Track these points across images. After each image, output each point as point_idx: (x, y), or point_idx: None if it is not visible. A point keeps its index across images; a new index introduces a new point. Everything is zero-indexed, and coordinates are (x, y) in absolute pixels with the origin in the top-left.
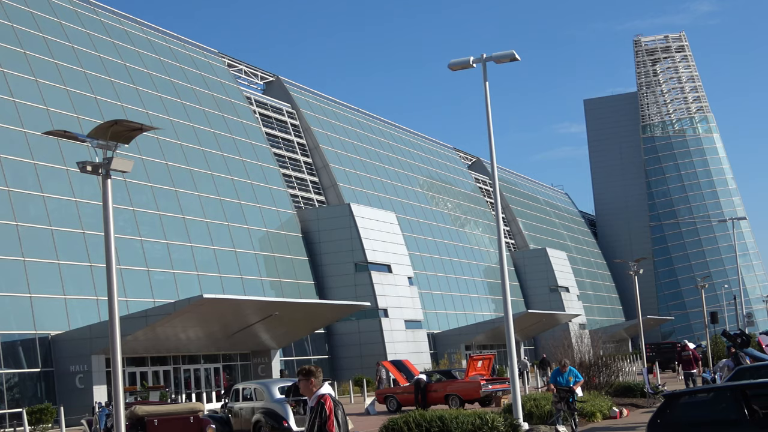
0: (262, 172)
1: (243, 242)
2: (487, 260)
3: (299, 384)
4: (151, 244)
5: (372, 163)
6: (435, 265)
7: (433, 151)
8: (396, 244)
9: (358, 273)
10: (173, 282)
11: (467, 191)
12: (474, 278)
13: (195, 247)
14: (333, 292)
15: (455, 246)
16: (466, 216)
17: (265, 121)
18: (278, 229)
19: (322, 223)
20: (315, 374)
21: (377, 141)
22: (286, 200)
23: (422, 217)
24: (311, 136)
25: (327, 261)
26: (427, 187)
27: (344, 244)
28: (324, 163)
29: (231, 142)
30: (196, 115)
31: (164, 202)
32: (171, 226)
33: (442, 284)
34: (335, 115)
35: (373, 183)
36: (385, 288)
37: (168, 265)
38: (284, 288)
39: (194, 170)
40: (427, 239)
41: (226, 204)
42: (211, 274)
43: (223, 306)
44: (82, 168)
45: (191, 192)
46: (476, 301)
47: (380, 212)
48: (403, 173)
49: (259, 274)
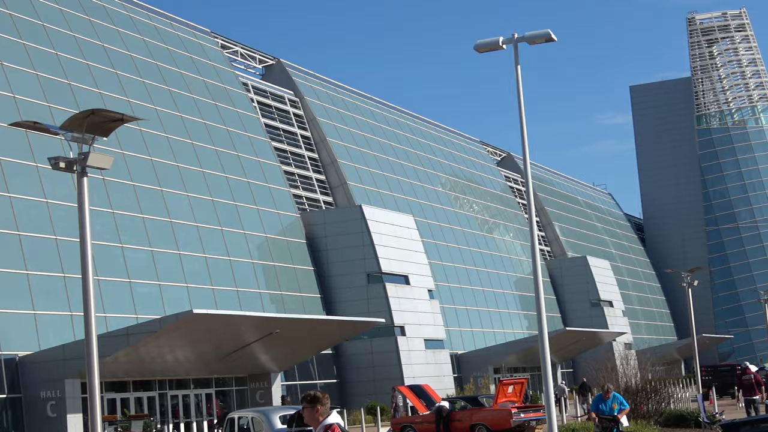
0: (260, 170)
1: (239, 250)
2: (519, 270)
3: (303, 412)
4: (133, 251)
5: (387, 158)
6: (459, 276)
7: (457, 146)
8: (414, 252)
9: (371, 285)
10: (159, 295)
11: (496, 191)
12: (504, 291)
13: (184, 256)
14: (342, 307)
15: (482, 254)
16: (494, 220)
17: (264, 111)
18: (279, 234)
19: (329, 228)
20: (321, 401)
21: (393, 134)
22: (289, 201)
23: (444, 221)
24: (317, 128)
25: (335, 271)
26: (450, 186)
27: (355, 251)
28: (332, 158)
29: (225, 134)
30: (186, 104)
31: (149, 203)
32: (156, 231)
33: (468, 298)
34: (345, 103)
35: (388, 182)
36: (402, 302)
37: (153, 276)
38: (286, 302)
39: (183, 167)
40: (450, 246)
41: (220, 206)
42: (202, 287)
43: (216, 323)
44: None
45: (180, 192)
46: (506, 317)
47: (396, 215)
48: (422, 171)
49: (258, 287)
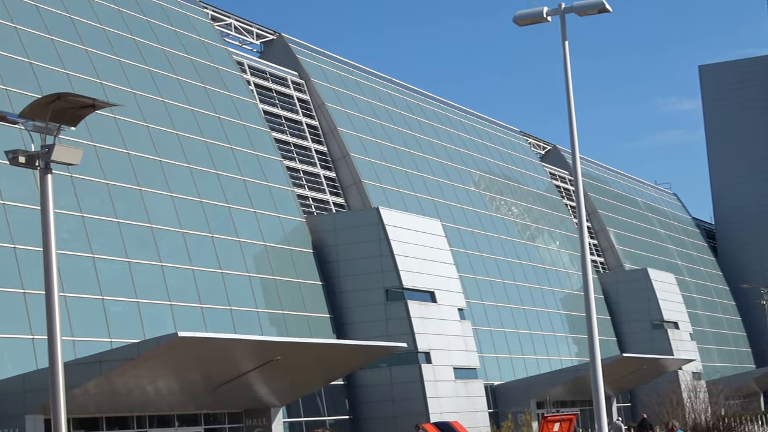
0: (258, 165)
1: (233, 261)
2: (567, 285)
3: None
4: (107, 263)
5: (409, 152)
6: (495, 292)
7: (493, 137)
8: (442, 263)
9: (390, 303)
10: (137, 315)
11: (539, 191)
12: (548, 310)
13: (167, 268)
14: (356, 329)
15: (523, 266)
16: (538, 225)
17: (263, 96)
18: (281, 242)
19: (341, 235)
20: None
21: (416, 123)
22: (292, 203)
23: (478, 226)
24: (326, 116)
25: (348, 286)
26: (484, 185)
27: (371, 263)
28: (343, 152)
29: (216, 124)
30: (169, 88)
31: (125, 206)
32: (135, 238)
33: (505, 319)
34: (359, 87)
35: (410, 180)
36: (428, 323)
37: (130, 293)
38: (289, 323)
39: (166, 162)
40: (485, 257)
41: (210, 209)
42: (189, 305)
43: (206, 348)
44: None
45: (162, 192)
46: (551, 341)
47: (421, 220)
48: (451, 167)
49: (255, 305)
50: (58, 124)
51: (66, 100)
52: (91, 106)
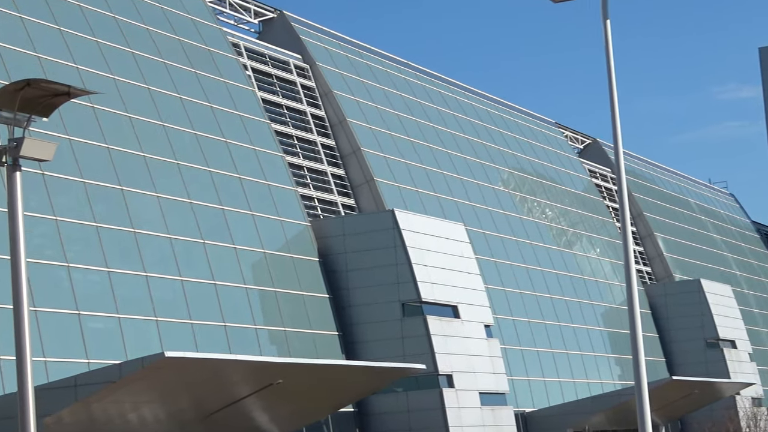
0: (257, 162)
1: (227, 270)
2: (609, 298)
3: None
4: (83, 273)
5: (428, 146)
6: (527, 306)
7: (524, 130)
8: (466, 273)
9: (408, 319)
10: (118, 332)
11: (578, 191)
12: (587, 327)
13: (152, 279)
14: (368, 349)
15: (558, 276)
16: (575, 230)
17: (261, 82)
18: (282, 249)
19: (350, 241)
20: None
21: (436, 113)
22: (295, 205)
23: (507, 231)
24: (334, 105)
25: (359, 299)
26: (514, 184)
27: (385, 273)
28: (354, 146)
29: (209, 114)
30: (155, 74)
31: (104, 208)
32: (115, 245)
33: (539, 336)
34: (371, 72)
35: (430, 178)
36: (450, 342)
37: (110, 307)
38: (292, 342)
39: (152, 158)
40: (515, 266)
41: (202, 211)
42: (177, 321)
43: (197, 370)
44: None
45: (146, 192)
46: (591, 362)
47: (441, 224)
48: (476, 163)
49: (253, 321)
50: (28, 114)
51: (37, 87)
52: (66, 94)
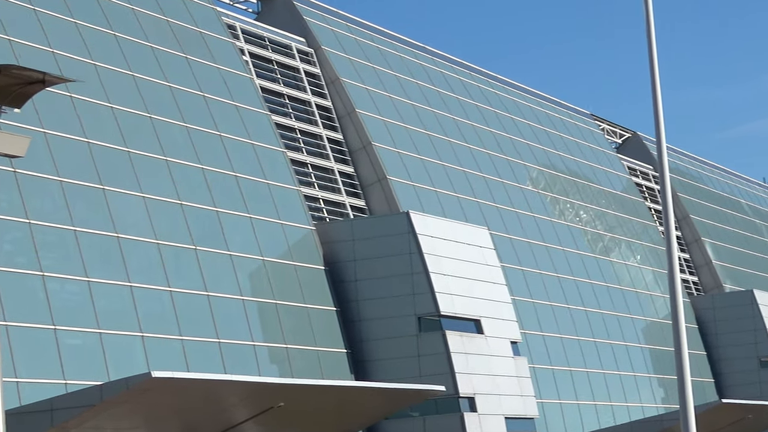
0: (255, 158)
1: (222, 280)
2: (650, 312)
3: None
4: (60, 283)
5: (447, 140)
6: (559, 320)
7: (556, 122)
8: (490, 283)
9: (425, 334)
10: (99, 349)
11: (616, 191)
12: (627, 344)
13: (138, 290)
14: (380, 368)
15: (593, 287)
16: (613, 234)
17: (260, 68)
18: (284, 256)
19: (360, 247)
20: None
21: (456, 103)
22: (298, 206)
23: (536, 236)
24: (341, 94)
25: (370, 313)
26: (544, 183)
27: (399, 283)
28: (364, 141)
29: (201, 105)
30: (141, 59)
31: (84, 209)
32: (95, 251)
33: (572, 355)
34: (383, 57)
35: (449, 176)
36: (472, 360)
37: (90, 321)
38: (294, 360)
39: (136, 154)
40: (545, 275)
41: (194, 213)
42: (165, 337)
43: (188, 392)
44: None
45: (131, 192)
46: (630, 383)
47: (462, 227)
48: (502, 159)
49: (251, 336)
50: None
51: (8, 74)
52: (41, 82)
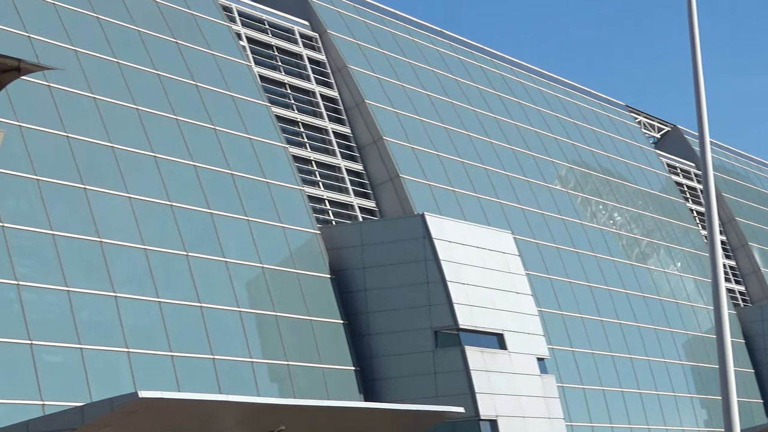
0: (253, 154)
1: (217, 289)
2: (692, 325)
3: None
4: (36, 293)
5: (467, 135)
6: (591, 334)
7: (587, 114)
8: (514, 293)
9: (441, 350)
10: (80, 367)
11: (654, 191)
12: (666, 360)
13: (123, 300)
14: (393, 387)
15: (629, 297)
16: (650, 239)
17: (259, 54)
18: (285, 264)
19: (370, 253)
20: None
21: (477, 93)
22: (301, 208)
23: (566, 241)
24: (349, 84)
25: (381, 326)
26: (574, 182)
27: (414, 293)
28: (374, 135)
29: (193, 94)
30: (126, 44)
31: (63, 211)
32: (75, 257)
33: (605, 372)
34: (395, 42)
35: (469, 175)
36: (494, 379)
37: (70, 335)
38: (297, 378)
39: (122, 150)
40: (575, 284)
41: (185, 216)
42: (154, 353)
43: (179, 414)
44: None
45: (115, 193)
46: (670, 403)
47: (484, 231)
48: (527, 156)
49: (249, 353)
50: None
51: None
52: (16, 70)
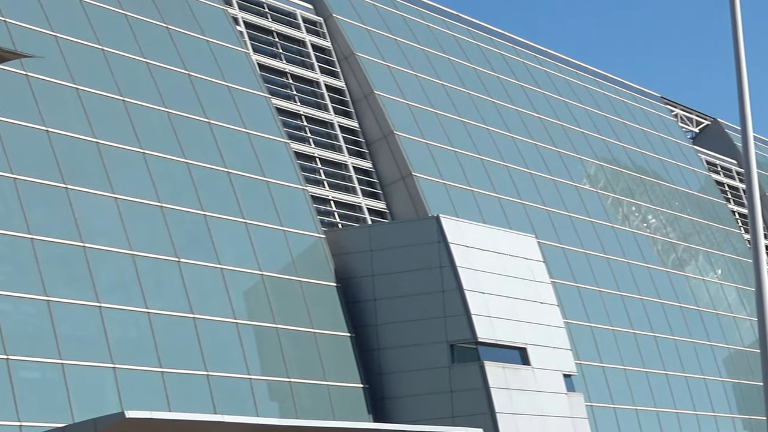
0: (251, 150)
1: (211, 299)
2: (733, 338)
3: None
4: (13, 302)
5: (486, 129)
6: (622, 348)
7: (618, 107)
8: (538, 303)
9: (458, 366)
10: (61, 383)
11: (692, 190)
12: (705, 377)
13: (108, 311)
14: (404, 407)
15: (664, 307)
16: (688, 244)
17: (258, 41)
18: (286, 271)
19: (380, 259)
20: None
21: (497, 84)
22: (304, 209)
23: (595, 246)
24: (357, 73)
25: (392, 340)
26: (604, 182)
27: (428, 303)
28: (384, 129)
29: (185, 85)
30: (111, 29)
31: (42, 213)
32: (56, 264)
33: (638, 390)
34: (407, 27)
35: (488, 173)
36: (516, 397)
37: (50, 349)
38: (300, 397)
39: (106, 146)
40: (606, 293)
41: (176, 218)
42: (141, 368)
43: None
44: None
45: (100, 193)
46: (710, 424)
47: (504, 235)
48: (553, 152)
49: (247, 368)
50: None
51: None
52: None
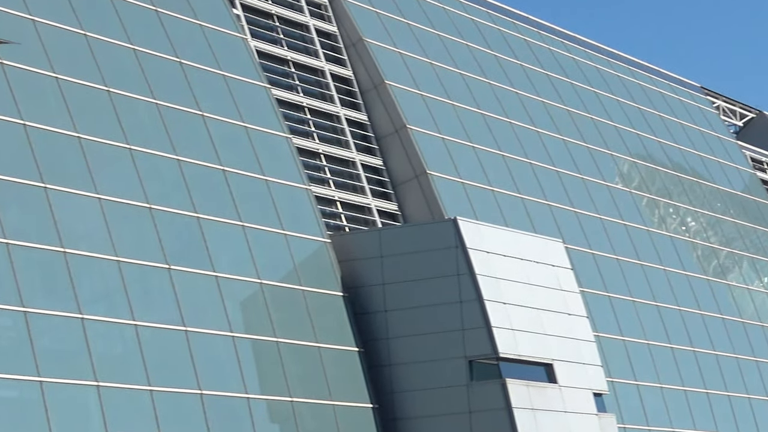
0: (249, 146)
1: (205, 310)
2: None
3: None
4: None
5: (508, 122)
6: (659, 365)
7: (655, 98)
8: (566, 314)
9: (478, 384)
10: (40, 403)
11: (735, 190)
12: (750, 396)
13: (92, 323)
14: (418, 428)
15: (705, 319)
16: (731, 249)
17: (257, 26)
18: (288, 279)
19: (392, 265)
20: None
21: (521, 72)
22: (308, 211)
23: (628, 252)
24: (366, 61)
25: (404, 355)
26: (638, 181)
27: (444, 314)
28: (396, 123)
29: (177, 75)
30: (96, 15)
31: (19, 216)
32: (34, 271)
33: (676, 410)
34: (420, 9)
35: (510, 171)
36: (541, 418)
37: (28, 366)
38: (303, 418)
39: (90, 141)
40: (640, 304)
41: (167, 221)
42: (128, 387)
43: None
44: None
45: (82, 193)
46: None
47: (528, 240)
48: (582, 148)
49: (244, 386)
50: None
51: None
52: None
